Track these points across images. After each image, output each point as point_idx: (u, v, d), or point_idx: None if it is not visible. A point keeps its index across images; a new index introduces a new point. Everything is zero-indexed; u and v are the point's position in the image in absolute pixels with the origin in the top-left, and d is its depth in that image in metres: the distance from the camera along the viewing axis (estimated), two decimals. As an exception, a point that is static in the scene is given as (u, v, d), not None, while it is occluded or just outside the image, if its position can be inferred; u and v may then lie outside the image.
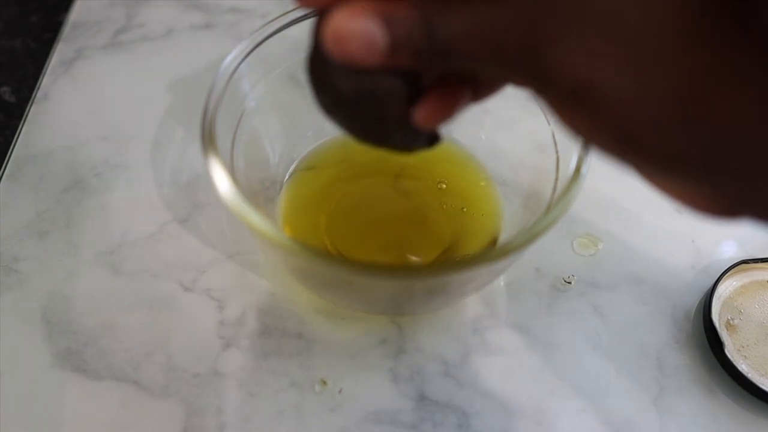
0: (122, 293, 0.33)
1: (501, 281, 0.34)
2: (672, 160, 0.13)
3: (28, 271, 0.34)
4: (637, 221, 0.36)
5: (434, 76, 0.18)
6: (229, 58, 0.28)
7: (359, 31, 0.15)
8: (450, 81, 0.18)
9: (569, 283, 0.34)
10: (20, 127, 0.40)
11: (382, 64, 0.15)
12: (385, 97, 0.17)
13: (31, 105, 0.41)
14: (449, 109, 0.18)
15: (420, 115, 0.18)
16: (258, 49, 0.29)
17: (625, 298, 0.33)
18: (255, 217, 0.24)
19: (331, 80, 0.18)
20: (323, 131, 0.36)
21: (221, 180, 0.25)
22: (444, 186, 0.35)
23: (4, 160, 0.38)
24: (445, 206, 0.35)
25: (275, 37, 0.30)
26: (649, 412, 0.30)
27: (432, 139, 0.20)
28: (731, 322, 0.32)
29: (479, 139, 0.36)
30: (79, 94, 0.41)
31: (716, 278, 0.32)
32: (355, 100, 0.18)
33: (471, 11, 0.14)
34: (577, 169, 0.26)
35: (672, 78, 0.12)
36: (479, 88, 0.18)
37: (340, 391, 0.30)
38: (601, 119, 0.13)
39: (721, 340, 0.30)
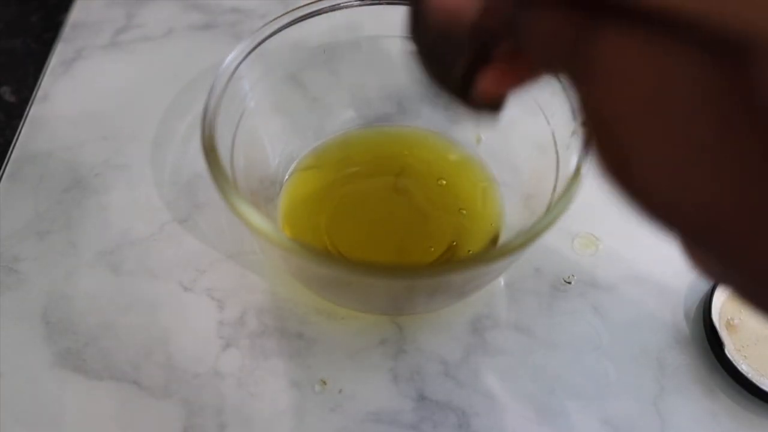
0: (122, 293, 0.33)
1: (501, 281, 0.34)
2: (659, 205, 0.15)
3: (28, 271, 0.34)
4: (637, 221, 0.36)
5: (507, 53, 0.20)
6: (229, 58, 0.28)
7: (456, 2, 0.17)
8: (516, 60, 0.20)
9: (569, 283, 0.34)
10: (20, 127, 0.40)
11: (465, 28, 0.17)
12: (455, 48, 0.20)
13: (31, 105, 0.41)
14: (507, 83, 0.20)
15: (482, 81, 0.20)
16: (258, 49, 0.29)
17: (625, 298, 0.33)
18: (255, 217, 0.24)
19: (422, 21, 0.20)
20: (323, 131, 0.36)
21: (221, 180, 0.25)
22: (444, 186, 0.35)
23: (4, 160, 0.38)
24: (445, 206, 0.35)
25: (275, 37, 0.30)
26: (649, 412, 0.30)
27: (494, 105, 0.21)
28: (731, 322, 0.32)
29: (480, 139, 0.36)
30: (79, 94, 0.41)
31: (716, 278, 0.32)
32: (435, 41, 0.20)
33: (543, 19, 0.16)
34: (577, 169, 0.26)
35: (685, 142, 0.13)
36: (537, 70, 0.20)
37: (340, 391, 0.30)
38: (609, 146, 0.15)
39: (721, 340, 0.30)
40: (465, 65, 0.20)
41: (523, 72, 0.20)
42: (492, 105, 0.21)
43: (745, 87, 0.12)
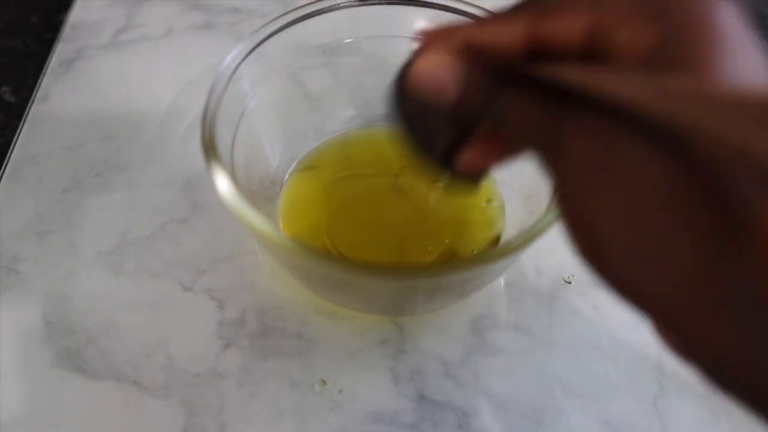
0: (122, 293, 0.33)
1: (501, 281, 0.34)
2: (629, 286, 0.15)
3: (28, 271, 0.34)
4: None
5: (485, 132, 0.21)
6: (229, 58, 0.28)
7: (439, 81, 0.18)
8: (496, 139, 0.20)
9: (569, 283, 0.34)
10: (20, 127, 0.40)
11: (447, 106, 0.18)
12: (437, 122, 0.21)
13: (31, 105, 0.41)
14: (489, 158, 0.21)
15: (464, 155, 0.21)
16: (258, 49, 0.29)
17: (625, 298, 0.33)
18: (255, 217, 0.24)
19: (406, 98, 0.21)
20: (323, 131, 0.36)
21: (221, 180, 0.25)
22: (443, 186, 0.35)
23: (4, 160, 0.38)
24: (445, 206, 0.35)
25: (275, 37, 0.30)
26: (649, 412, 0.30)
27: (472, 178, 0.22)
28: (731, 322, 0.32)
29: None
30: (79, 94, 0.41)
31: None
32: (418, 114, 0.22)
33: (518, 105, 0.17)
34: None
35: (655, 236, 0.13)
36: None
37: (340, 391, 0.30)
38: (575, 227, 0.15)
39: (721, 340, 0.30)
40: (447, 139, 0.21)
41: (504, 149, 0.20)
42: (473, 176, 0.22)
43: (701, 182, 0.12)
